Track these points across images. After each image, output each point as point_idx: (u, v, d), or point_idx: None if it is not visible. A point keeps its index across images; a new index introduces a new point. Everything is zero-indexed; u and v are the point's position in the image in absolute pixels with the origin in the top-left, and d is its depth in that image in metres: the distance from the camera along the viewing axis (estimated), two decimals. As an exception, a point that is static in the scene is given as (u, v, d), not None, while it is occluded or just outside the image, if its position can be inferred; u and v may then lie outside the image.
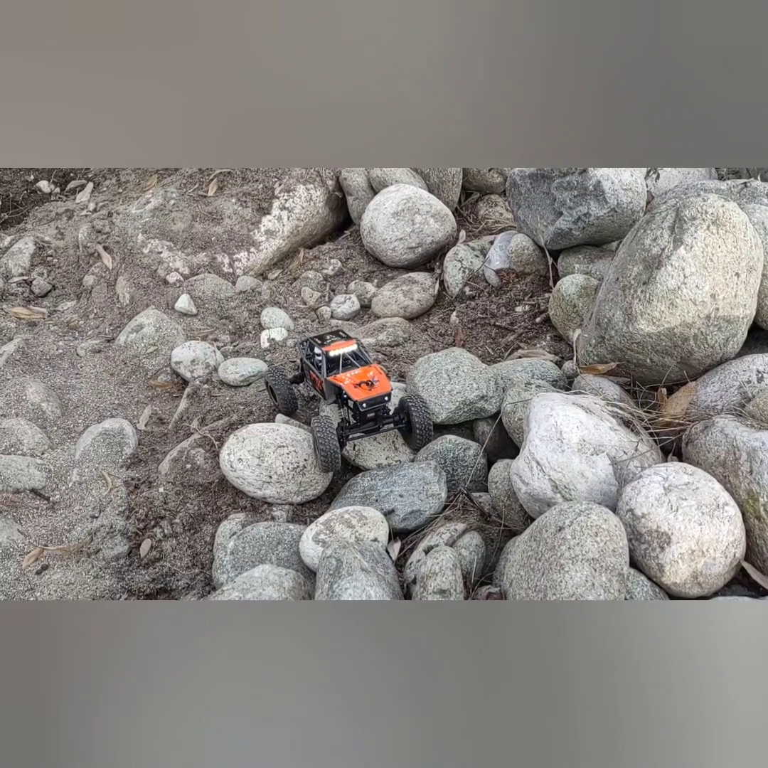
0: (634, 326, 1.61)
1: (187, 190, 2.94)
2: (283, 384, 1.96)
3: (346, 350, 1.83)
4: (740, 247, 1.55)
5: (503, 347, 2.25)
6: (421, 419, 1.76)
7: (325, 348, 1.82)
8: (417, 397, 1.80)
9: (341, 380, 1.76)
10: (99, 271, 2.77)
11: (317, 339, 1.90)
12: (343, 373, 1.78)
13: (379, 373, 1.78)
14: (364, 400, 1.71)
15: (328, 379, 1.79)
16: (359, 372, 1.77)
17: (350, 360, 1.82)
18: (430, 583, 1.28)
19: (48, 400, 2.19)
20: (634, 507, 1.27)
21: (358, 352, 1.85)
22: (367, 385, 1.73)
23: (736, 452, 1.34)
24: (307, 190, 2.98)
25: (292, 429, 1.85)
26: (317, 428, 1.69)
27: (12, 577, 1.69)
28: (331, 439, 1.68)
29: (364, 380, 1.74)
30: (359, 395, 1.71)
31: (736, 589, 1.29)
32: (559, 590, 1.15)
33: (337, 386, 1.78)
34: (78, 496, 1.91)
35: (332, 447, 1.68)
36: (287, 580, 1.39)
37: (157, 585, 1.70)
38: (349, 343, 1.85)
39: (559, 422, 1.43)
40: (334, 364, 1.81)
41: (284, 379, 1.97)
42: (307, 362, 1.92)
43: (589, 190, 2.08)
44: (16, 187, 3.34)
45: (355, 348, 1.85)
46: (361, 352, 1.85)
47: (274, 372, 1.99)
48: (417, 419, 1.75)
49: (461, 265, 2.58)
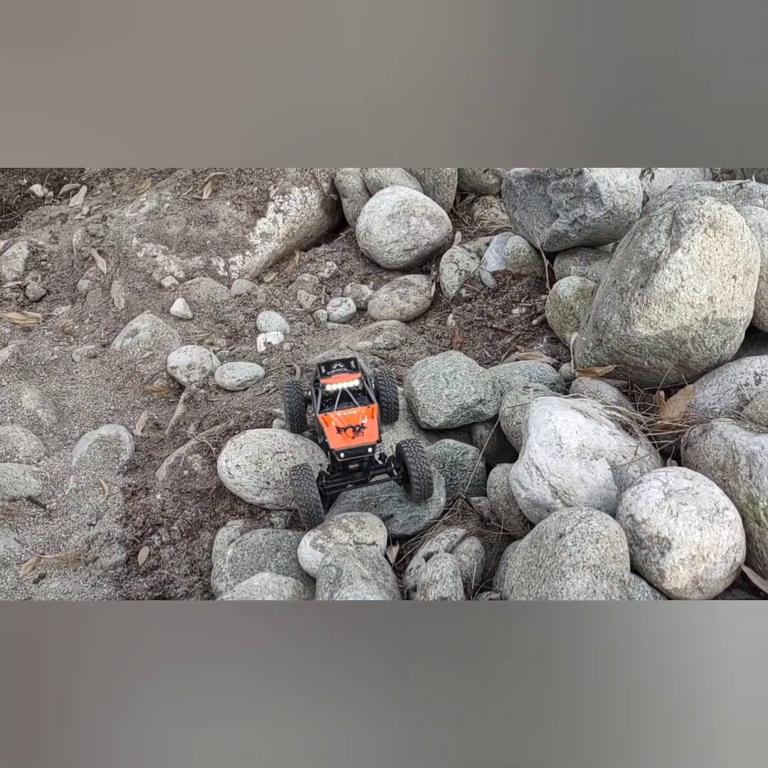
0: (631, 329, 1.61)
1: (181, 193, 2.93)
2: (296, 400, 1.79)
3: (345, 385, 1.65)
4: (737, 249, 1.55)
5: (500, 349, 2.25)
6: (419, 470, 1.55)
7: (324, 380, 1.66)
8: (413, 443, 1.60)
9: (328, 421, 1.58)
10: (94, 276, 2.76)
11: (323, 366, 1.71)
12: (335, 412, 1.60)
13: (372, 418, 1.59)
14: (343, 450, 1.53)
15: (317, 416, 1.62)
16: (353, 413, 1.59)
17: (349, 396, 1.64)
18: (431, 590, 1.28)
19: (43, 406, 2.18)
20: (634, 512, 1.27)
21: (361, 389, 1.66)
22: (354, 430, 1.55)
23: (736, 456, 1.34)
24: (302, 192, 2.97)
25: (289, 435, 1.84)
26: (294, 479, 1.53)
27: (9, 587, 1.68)
28: (311, 492, 1.51)
29: (353, 424, 1.56)
30: (338, 443, 1.53)
31: (736, 593, 1.29)
32: (560, 597, 1.15)
33: (321, 427, 1.59)
34: (75, 504, 1.90)
35: (312, 501, 1.51)
36: (287, 589, 1.38)
37: (156, 593, 1.69)
38: (351, 377, 1.67)
39: (558, 427, 1.42)
40: (329, 399, 1.64)
41: (300, 396, 1.79)
42: (312, 390, 1.73)
43: (585, 192, 2.08)
44: (9, 191, 3.32)
45: (357, 383, 1.66)
46: (366, 388, 1.67)
47: (290, 386, 1.80)
48: (414, 471, 1.55)
49: (457, 267, 2.58)
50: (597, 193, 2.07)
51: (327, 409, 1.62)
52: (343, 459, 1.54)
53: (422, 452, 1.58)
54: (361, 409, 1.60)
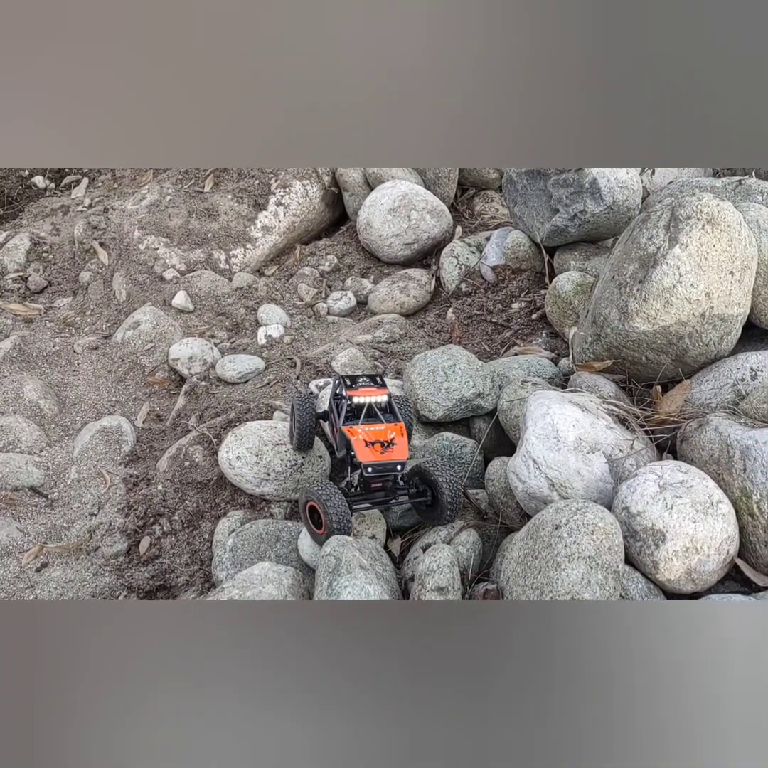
0: (629, 324, 1.62)
1: (183, 185, 2.94)
2: (308, 416, 1.69)
3: (375, 399, 1.57)
4: (735, 245, 1.57)
5: (499, 344, 2.26)
6: (452, 495, 1.47)
7: (351, 392, 1.57)
8: (441, 463, 1.52)
9: (354, 432, 1.50)
10: (95, 268, 2.77)
11: (348, 379, 1.63)
12: (361, 426, 1.52)
13: (401, 436, 1.51)
14: (371, 464, 1.44)
15: (341, 427, 1.53)
16: (381, 429, 1.51)
17: (376, 412, 1.56)
18: (428, 580, 1.29)
19: (45, 397, 2.20)
20: (629, 505, 1.29)
21: (388, 405, 1.59)
22: (382, 446, 1.47)
23: (730, 450, 1.35)
24: (303, 186, 2.98)
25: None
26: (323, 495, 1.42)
27: (11, 575, 1.70)
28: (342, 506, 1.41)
29: (381, 439, 1.48)
30: (367, 456, 1.45)
31: (729, 585, 1.30)
32: (555, 587, 1.17)
33: (347, 440, 1.52)
34: (76, 494, 1.92)
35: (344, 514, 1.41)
36: (286, 578, 1.40)
37: (157, 582, 1.71)
38: (380, 392, 1.59)
39: (556, 421, 1.44)
40: (355, 412, 1.56)
41: (311, 411, 1.69)
42: (333, 403, 1.66)
43: (585, 187, 2.09)
44: (11, 183, 3.33)
45: (386, 399, 1.59)
46: (391, 405, 1.59)
47: (302, 399, 1.71)
48: (448, 496, 1.47)
49: (457, 261, 2.59)
50: (597, 188, 2.08)
51: (352, 421, 1.54)
52: (370, 474, 1.45)
53: (453, 473, 1.51)
54: (388, 426, 1.53)
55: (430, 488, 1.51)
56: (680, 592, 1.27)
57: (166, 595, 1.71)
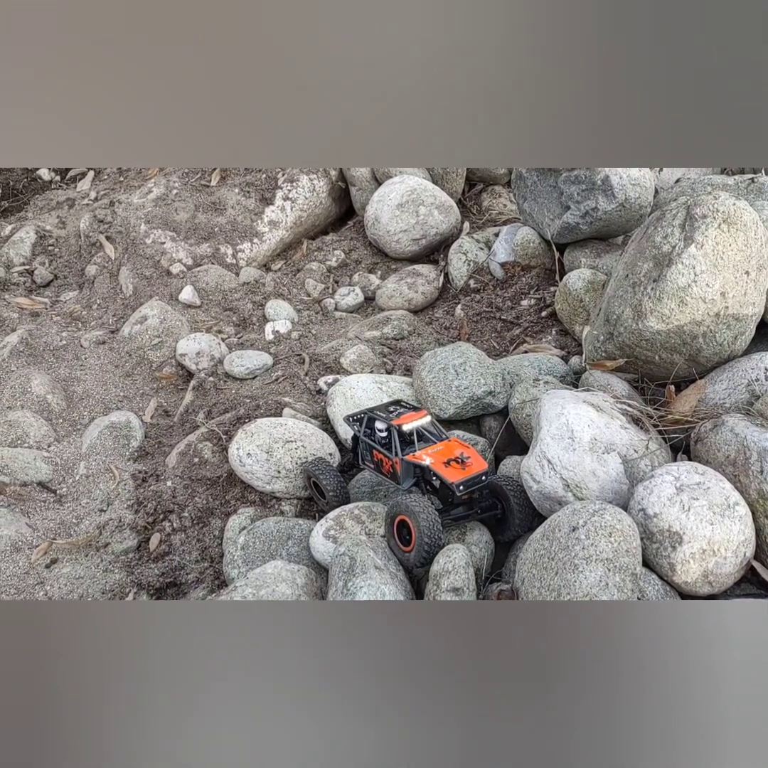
0: (643, 323, 1.61)
1: (189, 179, 2.93)
2: (332, 475, 1.65)
3: (421, 422, 1.55)
4: (751, 245, 1.56)
5: (508, 341, 2.26)
6: (524, 513, 1.47)
7: (396, 421, 1.53)
8: (512, 480, 1.51)
9: (423, 458, 1.47)
10: (101, 262, 2.76)
11: (378, 412, 1.60)
12: (420, 451, 1.49)
13: (467, 447, 1.50)
14: (461, 482, 1.41)
15: (405, 459, 1.49)
16: (442, 448, 1.49)
17: (425, 434, 1.55)
18: (443, 581, 1.29)
19: (53, 392, 2.19)
20: (646, 506, 1.28)
21: (432, 425, 1.57)
22: (458, 462, 1.44)
23: (747, 452, 1.35)
24: (310, 180, 2.96)
25: (300, 424, 1.85)
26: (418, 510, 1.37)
27: (21, 571, 1.69)
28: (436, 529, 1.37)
29: (452, 457, 1.45)
30: (454, 476, 1.42)
31: (745, 587, 1.30)
32: (573, 590, 1.16)
33: (419, 467, 1.48)
34: (85, 490, 1.92)
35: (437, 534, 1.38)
36: (299, 577, 1.40)
37: (167, 579, 1.70)
38: (420, 414, 1.56)
39: (571, 421, 1.43)
40: (407, 440, 1.53)
41: (332, 469, 1.67)
42: (367, 441, 1.61)
43: (597, 184, 2.08)
44: (17, 175, 3.31)
45: (429, 419, 1.56)
46: (434, 423, 1.58)
47: (318, 463, 1.68)
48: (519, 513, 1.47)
49: (466, 257, 2.58)
50: (609, 185, 2.06)
51: (410, 449, 1.51)
52: (462, 492, 1.42)
53: (524, 492, 1.48)
54: (445, 444, 1.51)
55: (500, 501, 1.50)
56: (696, 595, 1.27)
57: (176, 592, 1.70)
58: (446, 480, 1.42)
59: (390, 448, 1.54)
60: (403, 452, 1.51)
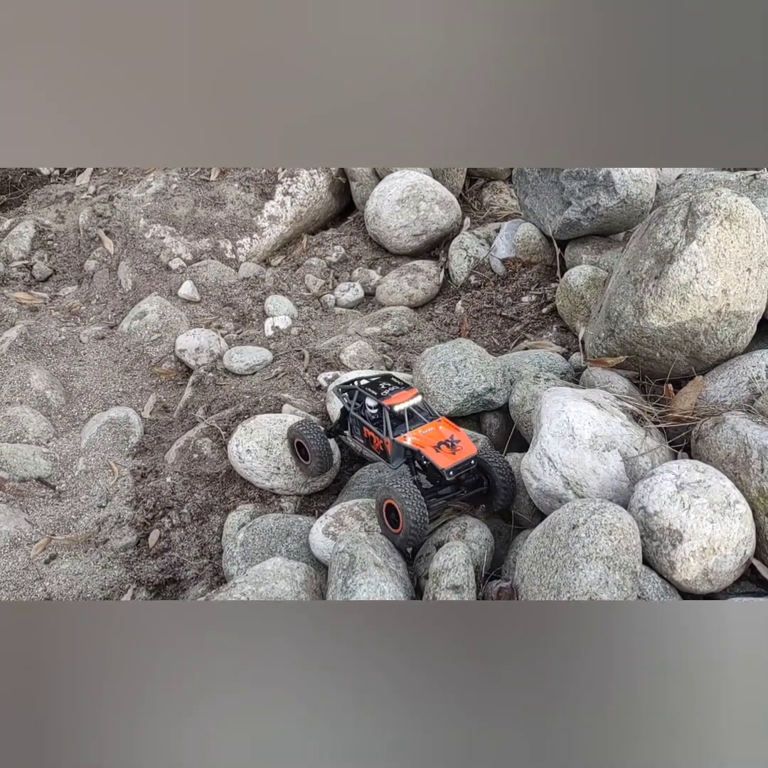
0: (644, 320, 1.61)
1: (188, 174, 2.92)
2: (319, 437, 1.66)
3: (412, 402, 1.54)
4: (753, 242, 1.55)
5: (509, 338, 2.25)
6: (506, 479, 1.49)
7: (386, 401, 1.52)
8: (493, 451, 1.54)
9: (419, 444, 1.47)
10: (100, 256, 2.75)
11: (368, 388, 1.59)
12: (411, 432, 1.49)
13: (456, 430, 1.50)
14: (451, 468, 1.42)
15: (395, 440, 1.50)
16: (432, 430, 1.49)
17: (415, 414, 1.55)
18: (443, 578, 1.29)
19: (52, 387, 2.18)
20: (646, 504, 1.28)
21: (423, 404, 1.58)
22: (447, 446, 1.45)
23: (747, 450, 1.34)
24: (310, 175, 2.95)
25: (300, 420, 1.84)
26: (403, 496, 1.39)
27: (20, 567, 1.69)
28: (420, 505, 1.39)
29: (442, 440, 1.46)
30: (444, 462, 1.43)
31: (745, 585, 1.30)
32: (573, 588, 1.16)
33: (409, 450, 1.50)
34: (84, 485, 1.91)
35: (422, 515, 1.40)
36: (299, 574, 1.40)
37: (166, 575, 1.70)
38: (411, 393, 1.55)
39: (571, 418, 1.43)
40: (398, 420, 1.53)
41: (319, 431, 1.68)
42: (357, 416, 1.62)
43: (598, 180, 2.07)
44: (15, 169, 3.30)
45: (420, 399, 1.56)
46: (425, 402, 1.59)
47: (306, 425, 1.69)
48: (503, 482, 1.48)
49: (466, 253, 2.57)
50: (611, 181, 2.06)
51: (400, 430, 1.52)
52: (452, 477, 1.44)
53: (503, 458, 1.50)
54: (434, 424, 1.52)
55: (484, 476, 1.51)
56: (696, 593, 1.27)
57: (175, 589, 1.70)
58: (437, 465, 1.43)
59: (381, 426, 1.55)
60: (393, 431, 1.52)
